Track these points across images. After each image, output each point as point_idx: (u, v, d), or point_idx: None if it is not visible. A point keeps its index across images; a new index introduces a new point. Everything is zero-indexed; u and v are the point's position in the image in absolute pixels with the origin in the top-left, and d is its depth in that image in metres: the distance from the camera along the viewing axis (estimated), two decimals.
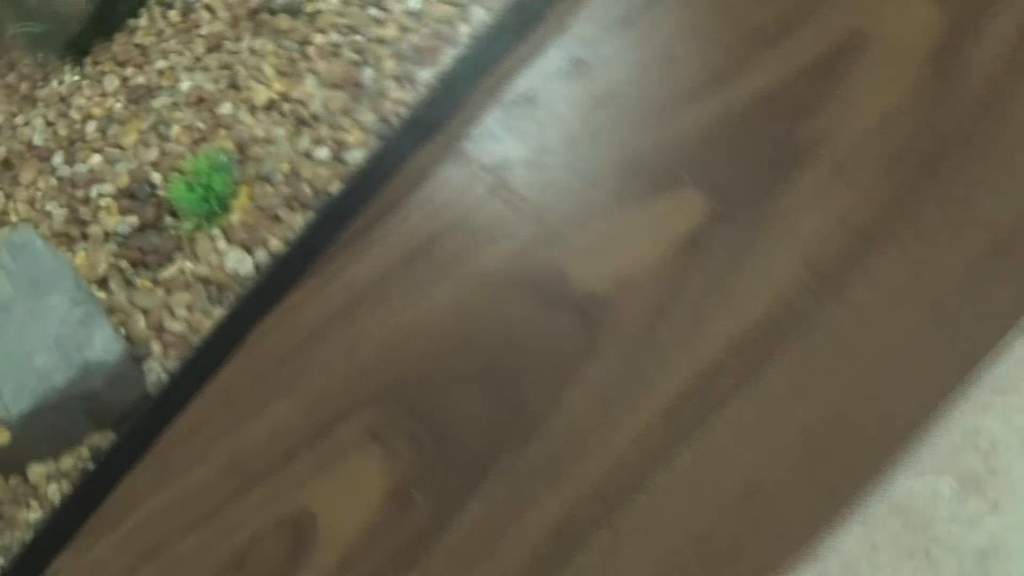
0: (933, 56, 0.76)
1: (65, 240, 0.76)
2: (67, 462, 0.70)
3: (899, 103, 0.75)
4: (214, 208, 0.73)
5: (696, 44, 0.79)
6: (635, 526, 0.66)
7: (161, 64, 0.84)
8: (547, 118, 0.78)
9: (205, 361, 0.72)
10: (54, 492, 0.70)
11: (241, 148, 0.76)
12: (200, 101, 0.81)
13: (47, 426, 0.68)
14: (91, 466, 0.70)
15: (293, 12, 0.79)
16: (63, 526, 0.70)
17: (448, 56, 0.77)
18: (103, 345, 0.69)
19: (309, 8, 0.81)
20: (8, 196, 0.81)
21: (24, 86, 0.86)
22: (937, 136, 0.73)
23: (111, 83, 0.84)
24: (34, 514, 0.69)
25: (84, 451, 0.71)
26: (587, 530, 0.66)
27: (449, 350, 0.72)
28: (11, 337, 0.69)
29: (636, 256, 0.72)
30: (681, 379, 0.68)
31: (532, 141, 0.77)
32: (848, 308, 0.69)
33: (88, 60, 0.85)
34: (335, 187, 0.74)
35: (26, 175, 0.81)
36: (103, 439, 0.71)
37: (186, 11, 0.85)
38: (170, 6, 0.85)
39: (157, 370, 0.72)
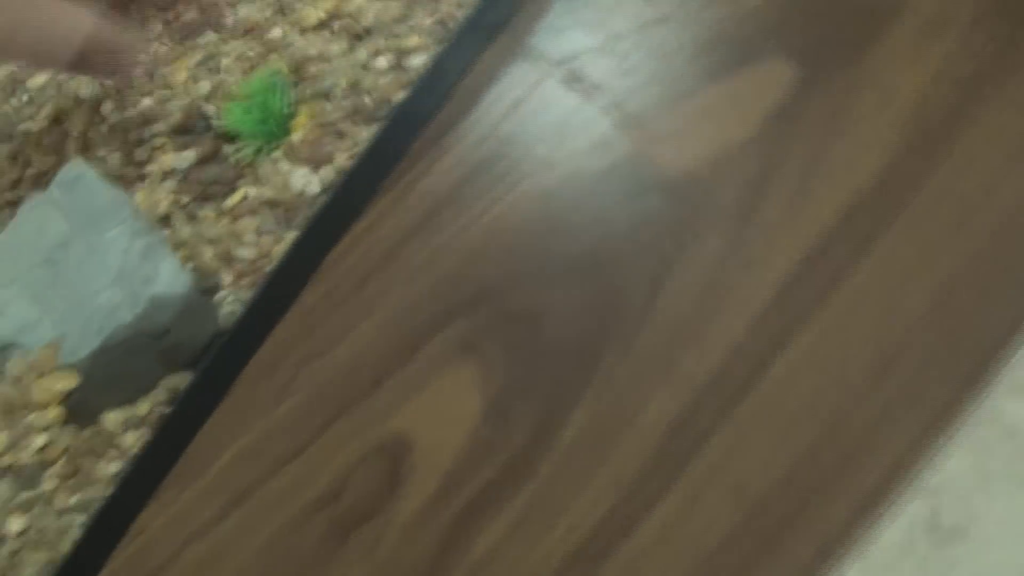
0: None
1: (122, 182, 0.72)
2: (143, 407, 0.66)
3: None
4: (273, 129, 0.68)
5: None
6: (759, 416, 0.60)
7: (206, 1, 0.79)
8: (614, 3, 0.72)
9: (280, 288, 0.68)
10: (132, 441, 0.66)
11: (296, 68, 0.72)
12: (249, 31, 0.77)
13: (118, 368, 0.64)
14: (169, 410, 0.65)
15: None
16: (145, 477, 0.66)
17: None
18: (169, 277, 0.65)
19: None
20: (57, 152, 0.77)
21: None
22: None
23: (154, 28, 0.80)
24: (114, 466, 0.65)
25: (161, 394, 0.66)
26: (707, 426, 0.61)
27: (537, 249, 0.67)
28: (71, 275, 0.65)
29: (726, 133, 0.67)
30: (792, 255, 0.63)
31: (601, 29, 0.72)
32: (961, 163, 0.63)
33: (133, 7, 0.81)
34: (399, 96, 0.70)
35: (75, 127, 0.77)
36: (180, 380, 0.67)
37: None
38: None
39: (231, 301, 0.67)
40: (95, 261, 0.64)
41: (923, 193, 0.63)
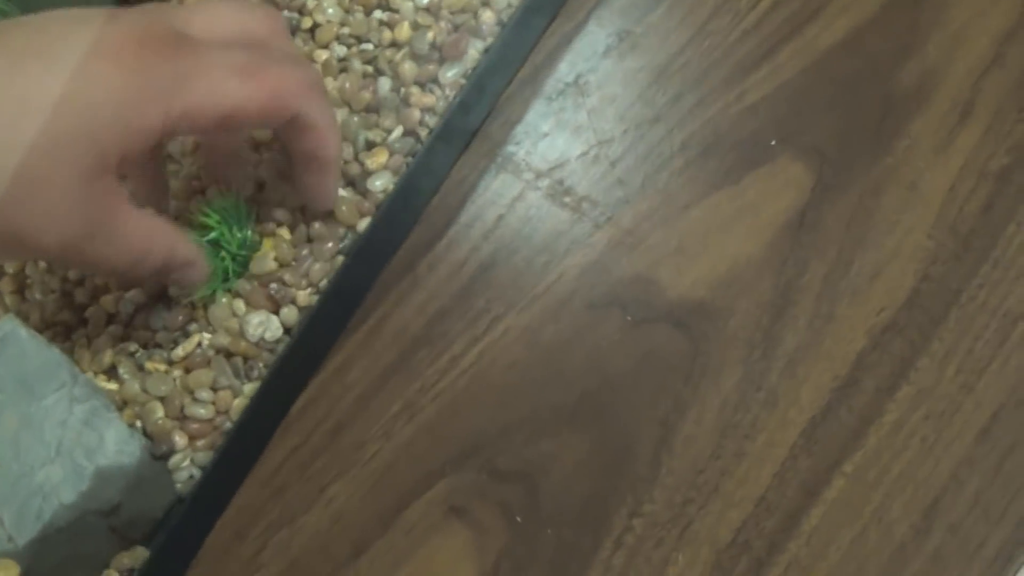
0: None
1: (61, 329, 0.65)
2: None
3: (1010, 23, 0.63)
4: (229, 267, 0.61)
5: None
6: None
7: None
8: (600, 103, 0.66)
9: (242, 448, 0.61)
10: None
11: (250, 196, 0.65)
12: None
13: (64, 552, 0.57)
14: None
15: (289, 31, 0.67)
16: None
17: (474, 50, 0.65)
18: (116, 446, 0.58)
19: (306, 23, 0.69)
20: None
21: None
22: None
23: None
24: None
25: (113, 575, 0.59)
26: None
27: (528, 393, 0.60)
28: (3, 452, 0.57)
29: (735, 247, 0.60)
30: (819, 389, 0.56)
31: (587, 132, 0.65)
32: (1002, 268, 0.57)
33: None
34: (364, 222, 0.62)
35: (9, 265, 0.70)
36: (134, 558, 0.59)
37: None
38: None
39: (187, 466, 0.60)
40: (30, 434, 0.57)
41: (960, 306, 0.56)
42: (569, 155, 0.65)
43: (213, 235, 0.62)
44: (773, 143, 0.62)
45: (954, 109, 0.62)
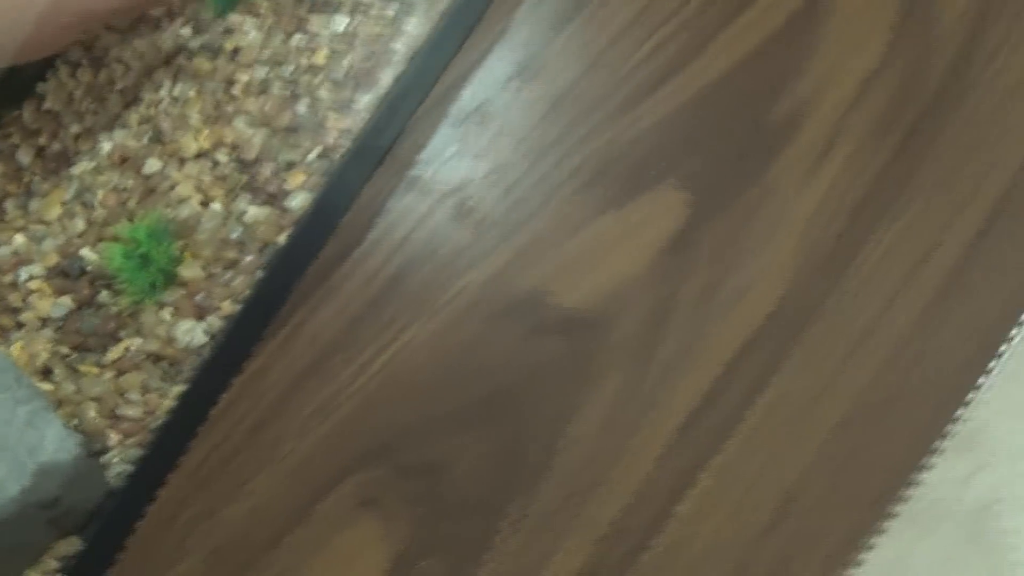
0: (899, 10, 0.72)
1: (0, 332, 0.71)
2: None
3: (873, 66, 0.71)
4: (156, 279, 0.68)
5: (646, 32, 0.75)
6: (665, 563, 0.62)
7: (76, 128, 0.78)
8: (500, 130, 0.73)
9: (168, 445, 0.68)
10: None
11: (176, 212, 0.71)
12: (124, 160, 0.76)
13: (6, 541, 0.64)
14: None
15: (212, 52, 0.74)
16: None
17: (387, 77, 0.72)
18: (55, 444, 0.64)
19: (229, 46, 0.75)
20: None
21: None
22: (919, 97, 0.69)
23: (25, 156, 0.79)
24: None
25: (51, 563, 0.66)
26: (614, 573, 0.62)
27: (434, 396, 0.68)
28: None
29: (621, 266, 0.68)
30: (691, 394, 0.64)
31: (489, 157, 0.73)
32: (855, 290, 0.65)
33: None
34: (282, 237, 0.70)
35: None
36: (69, 547, 0.66)
37: (96, 67, 0.79)
38: (78, 64, 0.80)
39: (119, 462, 0.67)
40: None
41: (817, 324, 0.65)
42: (472, 178, 0.72)
43: (142, 249, 0.69)
44: (656, 171, 0.70)
45: (819, 143, 0.70)
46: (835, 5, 0.72)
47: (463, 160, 0.72)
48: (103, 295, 0.71)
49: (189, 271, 0.69)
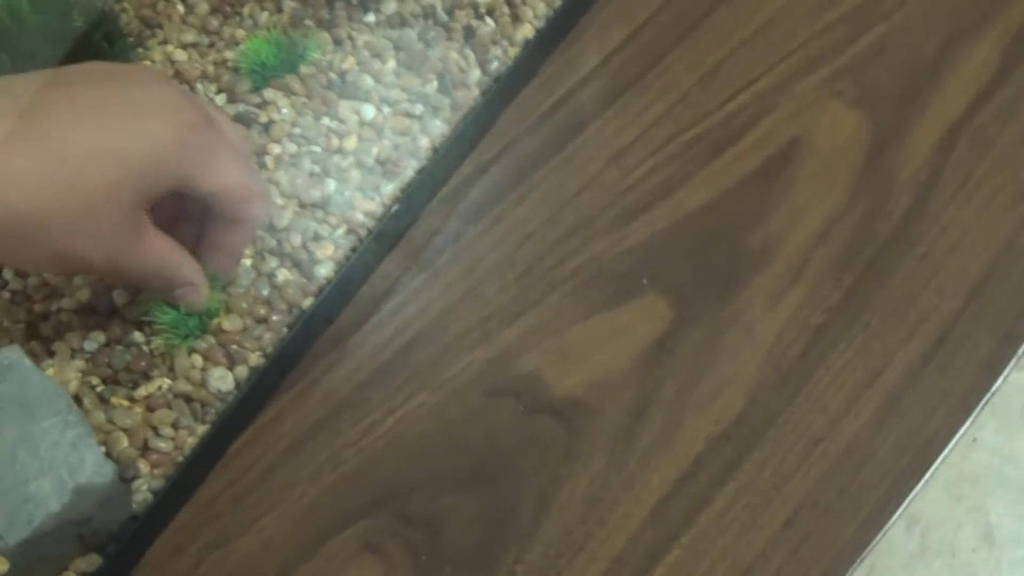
0: (863, 163, 0.85)
1: (31, 358, 0.78)
2: None
3: (838, 209, 0.83)
4: (192, 328, 0.76)
5: (643, 157, 0.86)
6: None
7: None
8: (508, 228, 0.84)
9: (188, 478, 0.75)
10: None
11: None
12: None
13: (42, 553, 0.70)
14: None
15: (246, 122, 0.83)
16: None
17: (409, 168, 0.82)
18: (94, 468, 0.71)
19: (262, 118, 0.84)
20: None
21: None
22: (876, 239, 0.81)
23: None
24: None
25: None
26: None
27: (434, 457, 0.77)
28: (2, 462, 0.71)
29: (609, 361, 0.78)
30: (665, 478, 0.74)
31: (496, 249, 0.83)
32: (811, 402, 0.76)
33: None
34: (308, 301, 0.79)
35: None
36: (89, 563, 0.73)
37: None
38: None
39: (144, 490, 0.74)
40: (27, 450, 0.70)
41: (776, 427, 0.75)
42: (480, 266, 0.82)
43: None
44: (644, 281, 0.81)
45: (787, 272, 0.81)
46: (807, 153, 0.84)
47: (473, 249, 0.82)
48: (136, 335, 0.78)
49: (228, 323, 0.77)
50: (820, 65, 0.89)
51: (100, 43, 0.88)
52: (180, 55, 0.90)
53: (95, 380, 0.78)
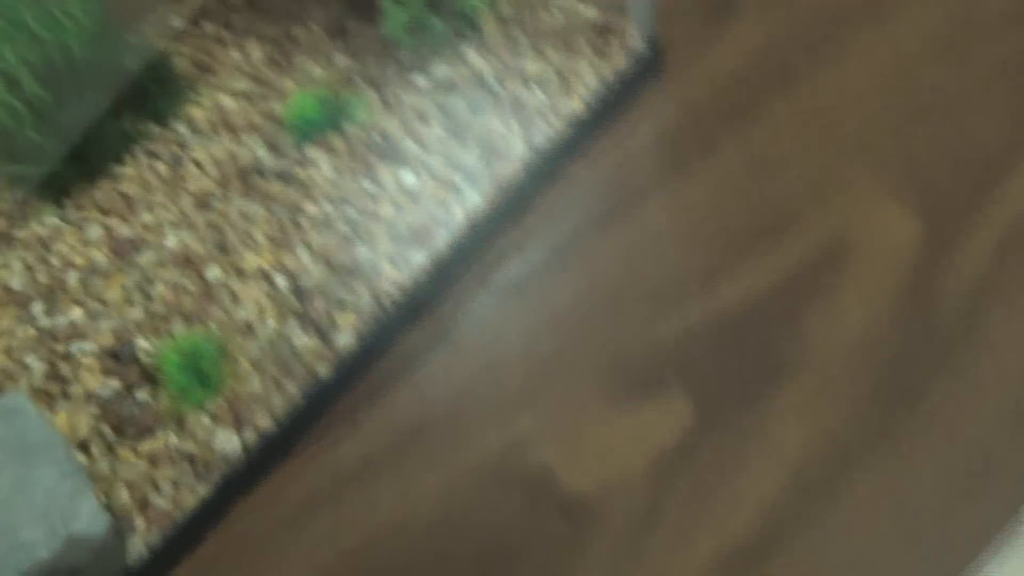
0: (912, 273, 0.82)
1: (45, 398, 0.79)
2: None
3: (882, 321, 0.81)
4: (201, 392, 0.76)
5: (683, 244, 0.85)
6: None
7: (147, 218, 0.87)
8: (535, 308, 0.82)
9: (186, 538, 0.75)
10: None
11: (230, 325, 0.80)
12: (186, 261, 0.84)
13: None
14: None
15: (285, 178, 0.83)
16: None
17: (442, 239, 0.81)
18: (89, 518, 0.72)
19: (302, 175, 0.84)
20: None
21: (1, 223, 0.88)
22: (919, 357, 0.79)
23: (94, 232, 0.87)
24: None
25: None
26: None
27: (436, 545, 0.76)
28: None
29: (624, 460, 0.77)
30: None
31: (522, 332, 0.82)
32: (831, 524, 0.74)
33: (70, 203, 0.88)
34: (324, 369, 0.78)
35: (4, 321, 0.83)
36: None
37: (175, 164, 0.88)
38: (158, 157, 0.89)
39: (139, 545, 0.74)
40: (23, 496, 0.71)
41: (792, 554, 0.74)
42: (503, 347, 0.81)
43: (200, 364, 0.78)
44: (670, 377, 0.80)
45: (817, 387, 0.80)
46: (854, 254, 0.82)
47: (499, 329, 0.81)
48: (146, 390, 0.79)
49: (239, 385, 0.77)
50: (876, 161, 0.86)
51: (148, 86, 0.88)
52: (230, 103, 0.91)
53: (105, 428, 0.78)
